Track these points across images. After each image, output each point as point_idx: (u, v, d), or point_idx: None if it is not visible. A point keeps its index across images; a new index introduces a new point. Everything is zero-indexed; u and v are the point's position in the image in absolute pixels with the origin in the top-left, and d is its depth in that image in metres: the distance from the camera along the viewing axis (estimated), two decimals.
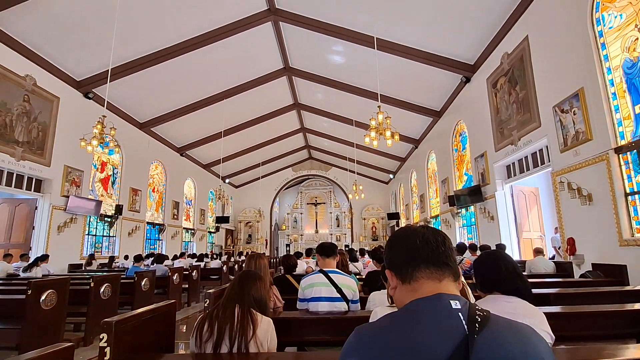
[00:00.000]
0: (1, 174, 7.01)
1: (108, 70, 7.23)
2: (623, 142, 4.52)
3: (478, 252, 6.04)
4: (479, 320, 0.69)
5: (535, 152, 6.50)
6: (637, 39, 4.34)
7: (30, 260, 6.63)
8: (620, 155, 4.55)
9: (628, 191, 4.46)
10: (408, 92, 10.26)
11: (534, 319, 1.41)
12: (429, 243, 0.83)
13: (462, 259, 5.36)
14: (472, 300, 2.34)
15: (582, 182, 5.04)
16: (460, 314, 0.70)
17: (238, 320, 1.72)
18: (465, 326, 0.68)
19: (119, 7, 6.49)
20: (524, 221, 7.41)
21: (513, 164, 7.32)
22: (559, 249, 6.08)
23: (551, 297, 3.23)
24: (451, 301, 0.73)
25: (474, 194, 8.33)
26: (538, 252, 5.61)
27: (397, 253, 0.87)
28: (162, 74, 9.22)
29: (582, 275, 4.80)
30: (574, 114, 5.16)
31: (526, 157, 6.84)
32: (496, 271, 1.56)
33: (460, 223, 10.28)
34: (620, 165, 4.56)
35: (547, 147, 6.00)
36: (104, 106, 7.10)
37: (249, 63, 10.29)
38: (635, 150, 4.36)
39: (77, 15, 6.94)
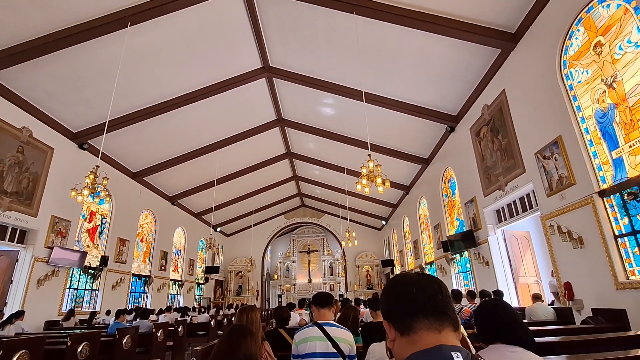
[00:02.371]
0: None
1: (105, 122, 7.40)
2: (605, 186, 4.67)
3: (477, 300, 5.89)
4: None
5: (523, 196, 6.64)
6: (605, 91, 4.68)
7: (4, 317, 6.22)
8: (605, 199, 4.67)
9: (617, 233, 4.52)
10: (397, 140, 10.64)
11: None
12: (426, 291, 0.81)
13: (462, 308, 5.20)
14: (473, 351, 2.26)
15: (571, 225, 5.11)
16: None
17: None
18: None
19: (121, 66, 6.80)
20: (519, 266, 7.35)
21: (502, 208, 7.43)
22: (557, 294, 5.97)
23: (556, 346, 3.13)
24: (452, 353, 0.70)
25: (467, 239, 8.31)
26: (536, 298, 5.49)
27: (393, 303, 0.85)
28: (157, 125, 9.46)
29: (583, 322, 4.68)
30: (556, 160, 5.38)
31: (514, 202, 6.96)
32: (496, 320, 1.53)
33: (455, 269, 10.12)
34: (605, 208, 4.66)
35: (533, 191, 6.15)
36: (98, 157, 7.14)
37: (243, 115, 10.67)
38: (617, 194, 4.50)
39: (78, 72, 7.24)
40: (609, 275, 4.47)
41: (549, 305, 6.00)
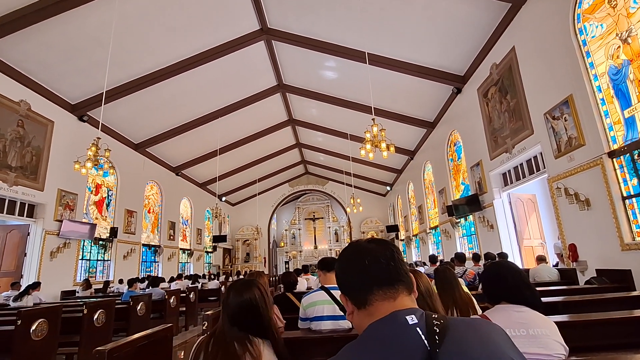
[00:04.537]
0: None
1: (103, 93, 7.24)
2: (615, 146, 4.55)
3: (481, 262, 5.97)
4: (438, 331, 0.67)
5: (530, 159, 6.53)
6: (619, 47, 4.45)
7: (22, 289, 6.45)
8: (614, 160, 4.57)
9: (625, 195, 4.46)
10: (401, 104, 10.37)
11: (547, 329, 1.36)
12: (379, 262, 0.80)
13: (466, 270, 5.28)
14: (479, 311, 2.29)
15: (579, 187, 5.05)
16: (418, 328, 0.69)
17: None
18: (426, 341, 0.65)
19: (113, 33, 6.55)
20: (524, 229, 7.38)
21: (509, 171, 7.34)
22: (561, 255, 6.02)
23: (559, 305, 3.17)
24: (407, 317, 0.71)
25: (472, 203, 8.31)
26: (541, 259, 5.55)
27: (347, 277, 0.84)
28: (156, 94, 9.26)
29: (587, 282, 4.74)
30: (565, 120, 5.22)
31: (521, 165, 6.86)
32: (502, 281, 1.52)
33: (460, 233, 10.22)
34: (615, 169, 4.57)
35: (541, 153, 6.04)
36: (98, 128, 7.08)
37: (242, 81, 10.38)
38: (628, 154, 4.39)
39: (71, 42, 7.00)
40: (615, 236, 4.46)
41: (553, 266, 6.07)
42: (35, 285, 6.52)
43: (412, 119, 10.83)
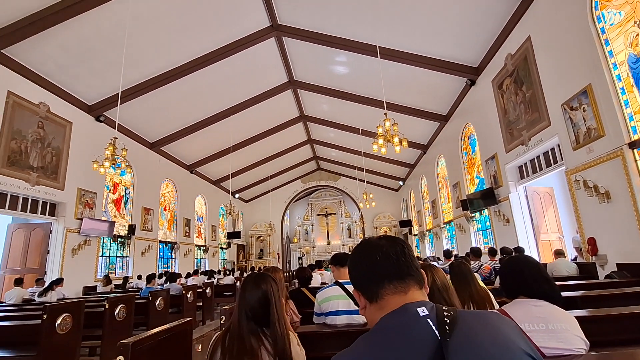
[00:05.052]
0: (17, 200, 7.16)
1: (118, 93, 7.40)
2: (636, 137, 4.41)
3: (497, 257, 5.89)
4: (448, 322, 0.68)
5: (547, 151, 6.39)
6: (638, 34, 4.30)
7: (45, 285, 6.69)
8: (635, 150, 4.43)
9: None
10: (414, 98, 10.25)
11: (566, 323, 1.34)
12: (389, 257, 0.83)
13: (481, 265, 5.23)
14: (496, 306, 2.27)
15: (598, 179, 4.92)
16: (428, 320, 0.70)
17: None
18: (436, 331, 0.67)
19: (127, 34, 6.68)
20: (541, 222, 7.24)
21: (525, 164, 7.20)
22: (580, 249, 5.89)
23: (578, 300, 3.11)
24: (418, 309, 0.73)
25: (487, 197, 8.19)
26: (559, 253, 5.44)
27: (359, 272, 0.87)
28: (169, 94, 9.41)
29: (607, 276, 4.63)
30: (584, 111, 5.07)
31: (538, 157, 6.72)
32: (520, 275, 1.51)
33: (475, 227, 10.09)
34: (635, 161, 4.43)
35: (558, 145, 5.89)
36: (115, 128, 7.24)
37: (254, 78, 10.44)
38: None
39: (86, 44, 7.16)
40: (636, 229, 4.33)
41: (571, 261, 5.94)
42: (59, 281, 6.75)
43: (425, 112, 10.70)
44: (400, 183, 18.37)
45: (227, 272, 13.88)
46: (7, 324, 4.20)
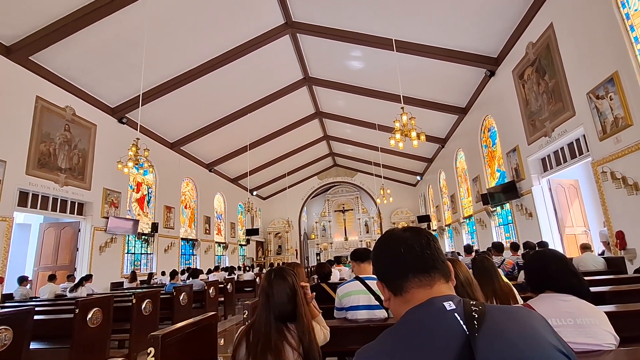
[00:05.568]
0: (47, 200, 7.49)
1: (139, 95, 7.61)
2: None
3: (520, 252, 5.77)
4: (476, 316, 0.67)
5: (572, 142, 6.17)
6: None
7: (76, 281, 6.99)
8: None
9: None
10: (431, 91, 10.09)
11: (596, 318, 1.31)
12: (414, 249, 0.81)
13: (504, 260, 5.12)
14: (520, 301, 2.23)
15: (627, 170, 4.72)
16: (456, 314, 0.69)
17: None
18: (464, 326, 0.66)
19: (146, 36, 6.85)
20: (566, 216, 7.02)
21: (548, 156, 6.98)
22: (608, 243, 5.69)
23: (606, 295, 3.02)
24: (444, 303, 0.72)
25: (509, 191, 7.99)
26: (585, 248, 5.27)
27: (383, 265, 0.86)
28: (188, 94, 9.60)
29: (636, 271, 4.46)
30: (611, 99, 4.87)
31: (562, 149, 6.50)
32: (546, 269, 1.48)
33: (496, 222, 9.88)
34: None
35: (584, 136, 5.68)
36: (137, 129, 7.46)
37: (269, 76, 10.51)
38: None
39: (108, 48, 7.38)
40: None
41: (598, 255, 5.75)
42: (88, 277, 7.05)
43: (443, 105, 10.51)
44: (418, 178, 18.15)
45: (247, 269, 14.12)
46: (43, 317, 4.43)
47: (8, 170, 6.48)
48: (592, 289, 3.15)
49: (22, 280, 6.67)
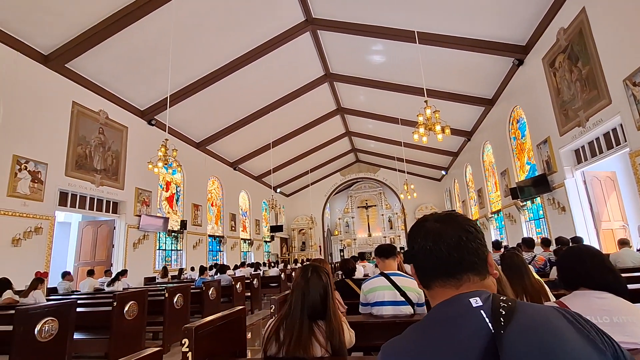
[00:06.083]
0: (85, 199, 7.92)
1: (167, 97, 7.89)
2: None
3: (552, 248, 5.55)
4: (504, 313, 0.63)
5: (608, 132, 5.85)
6: None
7: (113, 276, 7.37)
8: None
9: None
10: (456, 82, 9.83)
11: (634, 316, 1.26)
12: (439, 251, 0.76)
13: (535, 256, 4.96)
14: (553, 299, 2.17)
15: None
16: (482, 311, 0.66)
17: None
18: (490, 324, 0.63)
19: (171, 41, 7.08)
20: (602, 210, 6.67)
21: (582, 147, 6.65)
22: None
23: None
24: (471, 299, 0.69)
25: (540, 184, 7.69)
26: (623, 243, 5.00)
27: (413, 255, 0.82)
28: (212, 95, 9.84)
29: None
30: None
31: (597, 139, 6.18)
32: (580, 265, 1.43)
33: (526, 217, 9.54)
34: None
35: (621, 125, 5.38)
36: (165, 131, 7.74)
37: (291, 74, 10.59)
38: None
39: (136, 53, 7.68)
40: None
41: (637, 251, 5.45)
42: (123, 273, 7.41)
43: (468, 97, 10.21)
44: (443, 172, 17.76)
45: (272, 265, 14.36)
46: (83, 310, 4.71)
47: (49, 172, 6.90)
48: (631, 287, 3.00)
49: (65, 275, 7.12)
